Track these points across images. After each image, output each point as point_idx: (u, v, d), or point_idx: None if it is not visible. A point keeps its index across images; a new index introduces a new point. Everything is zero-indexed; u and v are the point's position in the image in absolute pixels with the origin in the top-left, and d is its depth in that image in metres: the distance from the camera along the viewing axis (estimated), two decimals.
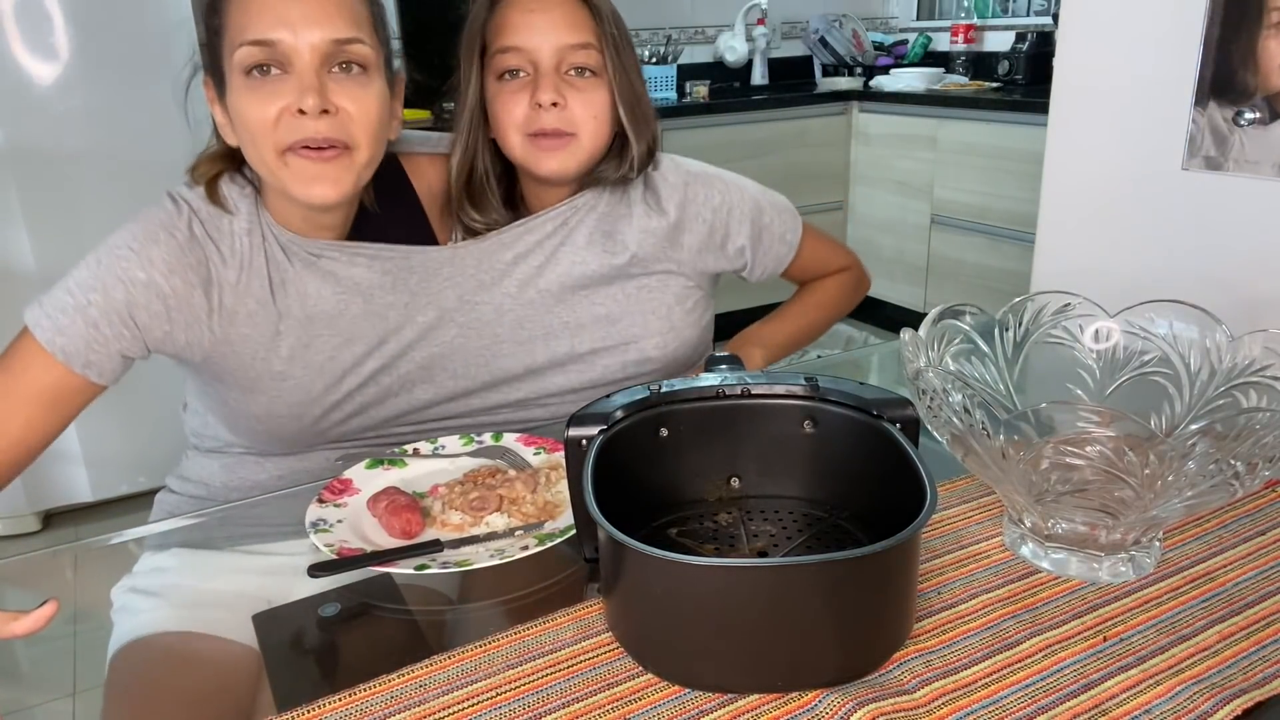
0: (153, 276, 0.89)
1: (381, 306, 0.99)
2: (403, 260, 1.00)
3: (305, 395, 0.97)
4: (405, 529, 0.80)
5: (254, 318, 0.94)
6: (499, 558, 0.74)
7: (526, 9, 0.97)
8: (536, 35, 0.97)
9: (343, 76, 0.86)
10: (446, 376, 1.03)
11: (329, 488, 0.88)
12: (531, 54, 0.97)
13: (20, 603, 0.88)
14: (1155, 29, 1.06)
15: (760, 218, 1.15)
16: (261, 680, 0.68)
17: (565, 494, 0.83)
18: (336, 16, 0.84)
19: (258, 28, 0.83)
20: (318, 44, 0.83)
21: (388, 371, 1.00)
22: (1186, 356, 0.79)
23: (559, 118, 0.98)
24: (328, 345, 0.97)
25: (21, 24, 2.13)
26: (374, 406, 1.01)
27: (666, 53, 3.70)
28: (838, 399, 0.73)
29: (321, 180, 0.87)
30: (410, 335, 1.00)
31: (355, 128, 0.87)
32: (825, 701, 0.57)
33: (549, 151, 1.00)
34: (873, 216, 3.70)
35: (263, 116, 0.85)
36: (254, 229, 0.94)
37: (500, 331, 1.04)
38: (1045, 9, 3.66)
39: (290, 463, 1.03)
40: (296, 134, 0.85)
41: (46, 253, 2.24)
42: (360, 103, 0.86)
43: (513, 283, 1.04)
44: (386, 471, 0.92)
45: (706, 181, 1.13)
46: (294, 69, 0.84)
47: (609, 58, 1.00)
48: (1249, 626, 0.64)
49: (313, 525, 0.81)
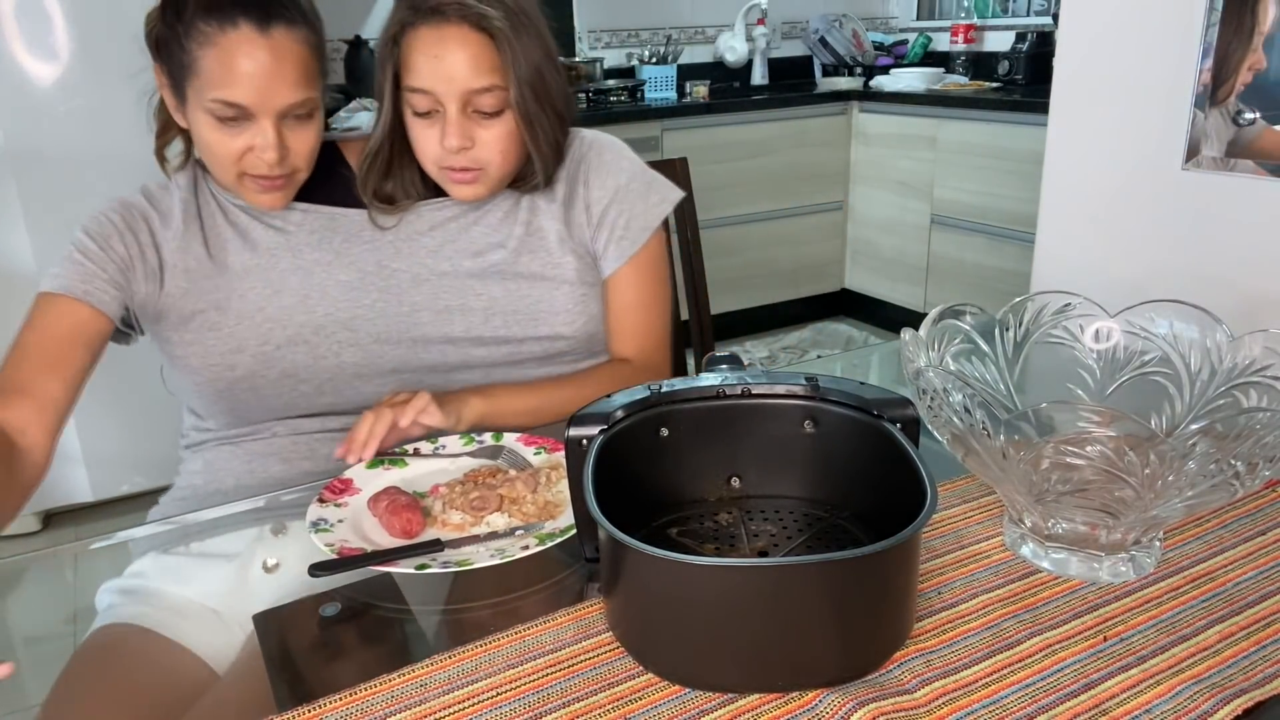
0: (109, 231, 1.02)
1: (308, 263, 1.07)
2: (328, 220, 1.09)
3: (235, 343, 1.04)
4: (406, 529, 0.80)
5: (191, 273, 1.04)
6: (499, 557, 0.74)
7: (431, 54, 0.99)
8: (441, 82, 0.99)
9: (294, 123, 1.01)
10: (370, 340, 1.07)
11: (330, 487, 0.88)
12: (439, 97, 1.00)
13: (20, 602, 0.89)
14: (1155, 29, 1.06)
15: (609, 211, 1.12)
16: (262, 680, 0.68)
17: (565, 494, 0.83)
18: (297, 82, 0.98)
19: (232, 90, 0.96)
20: (278, 107, 0.98)
21: (316, 330, 1.06)
22: (1187, 356, 0.79)
23: (467, 157, 1.03)
24: (258, 296, 1.05)
25: (21, 24, 2.13)
26: (307, 370, 1.05)
27: (666, 53, 3.70)
28: (838, 399, 0.73)
29: (269, 195, 1.03)
30: (335, 294, 1.07)
31: (301, 159, 1.03)
32: (825, 701, 0.57)
33: (461, 183, 1.05)
34: (873, 216, 3.70)
35: (228, 150, 0.99)
36: (189, 196, 1.07)
37: (418, 299, 1.08)
38: (1045, 9, 3.66)
39: (256, 448, 1.07)
40: (255, 169, 1.00)
41: (46, 253, 2.24)
42: (305, 140, 1.02)
43: (426, 251, 1.09)
44: (387, 471, 0.92)
45: (598, 157, 1.13)
46: (256, 122, 0.98)
47: (513, 92, 1.00)
48: (1249, 626, 0.64)
49: (313, 525, 0.81)
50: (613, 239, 1.12)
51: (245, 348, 1.04)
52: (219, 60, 0.95)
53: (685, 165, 1.44)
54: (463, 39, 0.98)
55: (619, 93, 3.42)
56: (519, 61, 0.99)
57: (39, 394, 0.92)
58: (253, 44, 0.95)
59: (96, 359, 0.99)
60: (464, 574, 0.76)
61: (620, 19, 3.76)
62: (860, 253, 3.81)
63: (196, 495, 1.07)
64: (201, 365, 1.04)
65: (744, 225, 3.52)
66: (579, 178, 1.13)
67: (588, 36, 3.68)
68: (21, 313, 0.95)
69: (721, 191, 3.38)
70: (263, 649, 0.71)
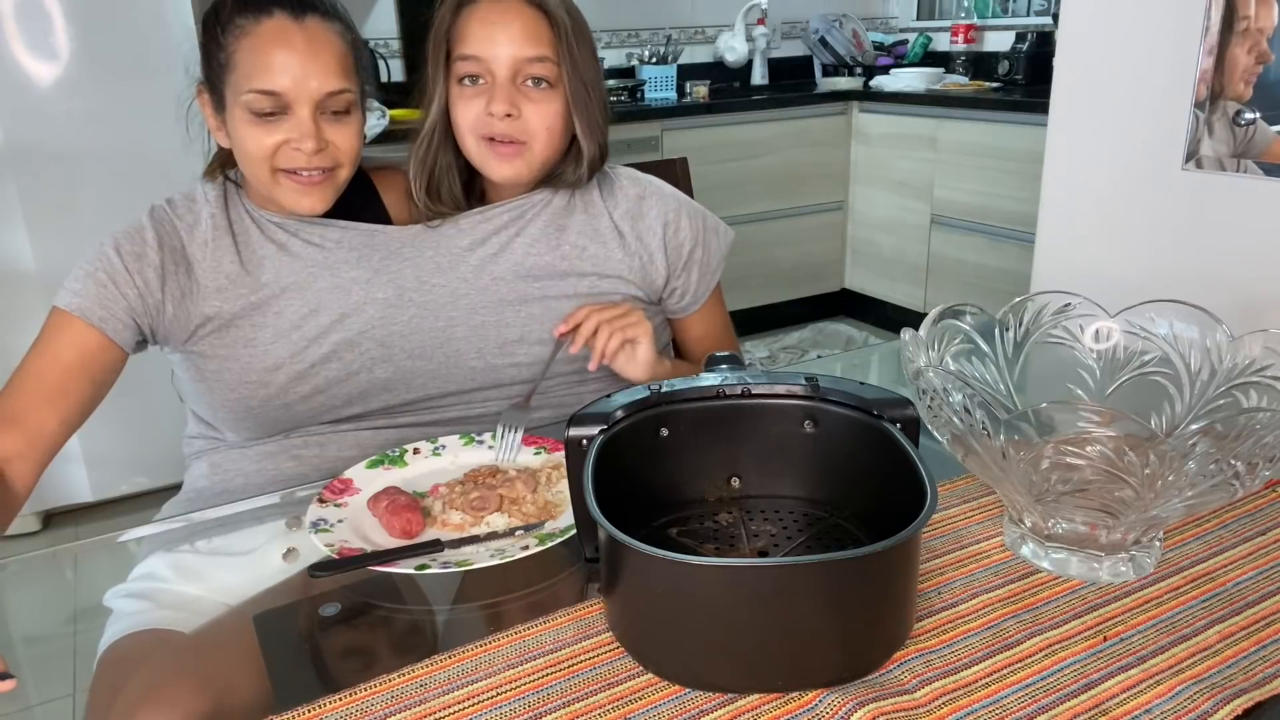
0: (144, 250, 1.01)
1: (346, 281, 1.06)
2: (366, 237, 1.08)
3: (272, 361, 1.03)
4: (406, 529, 0.80)
5: (224, 291, 1.03)
6: (499, 558, 0.74)
7: (487, 20, 1.02)
8: (494, 46, 1.02)
9: (332, 118, 1.01)
10: (404, 356, 1.07)
11: (330, 488, 0.88)
12: (489, 64, 1.03)
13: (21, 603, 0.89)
14: (1155, 29, 1.06)
15: (695, 249, 1.17)
16: (261, 680, 0.68)
17: (566, 494, 0.83)
18: (332, 71, 0.99)
19: (267, 78, 0.96)
20: (315, 95, 0.98)
21: (350, 347, 1.05)
22: (1187, 356, 0.79)
23: (512, 126, 1.04)
24: (295, 314, 1.04)
25: (21, 24, 2.13)
26: (337, 385, 1.05)
27: (666, 53, 3.70)
28: (838, 399, 0.73)
29: (309, 196, 1.02)
30: (372, 312, 1.06)
31: (340, 154, 1.02)
32: (825, 701, 0.57)
33: (502, 158, 1.06)
34: (873, 216, 3.70)
35: (262, 147, 0.98)
36: (220, 212, 1.05)
37: (455, 315, 1.08)
38: (1045, 9, 3.66)
39: (268, 449, 1.06)
40: (292, 164, 0.99)
41: (46, 253, 2.23)
42: (345, 137, 1.02)
43: (468, 268, 1.09)
44: (387, 471, 0.92)
45: (660, 194, 1.16)
46: (293, 114, 0.98)
47: (565, 69, 1.04)
48: (1249, 626, 0.64)
49: (313, 525, 0.81)
50: (703, 276, 1.18)
51: (281, 365, 1.03)
52: (255, 50, 0.96)
53: (685, 165, 1.44)
54: (520, 11, 1.02)
55: (619, 93, 3.41)
56: (571, 44, 1.03)
57: (33, 426, 0.92)
58: (287, 31, 0.96)
59: (101, 391, 0.98)
60: (464, 574, 0.76)
61: (620, 19, 3.75)
62: (860, 253, 3.81)
63: (202, 498, 1.06)
64: (237, 382, 1.03)
65: (744, 225, 3.51)
66: (646, 210, 1.14)
67: None
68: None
69: (721, 191, 3.38)
70: (263, 649, 0.71)
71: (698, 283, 1.18)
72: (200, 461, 1.10)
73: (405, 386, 1.08)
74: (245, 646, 0.74)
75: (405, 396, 1.08)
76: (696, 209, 1.19)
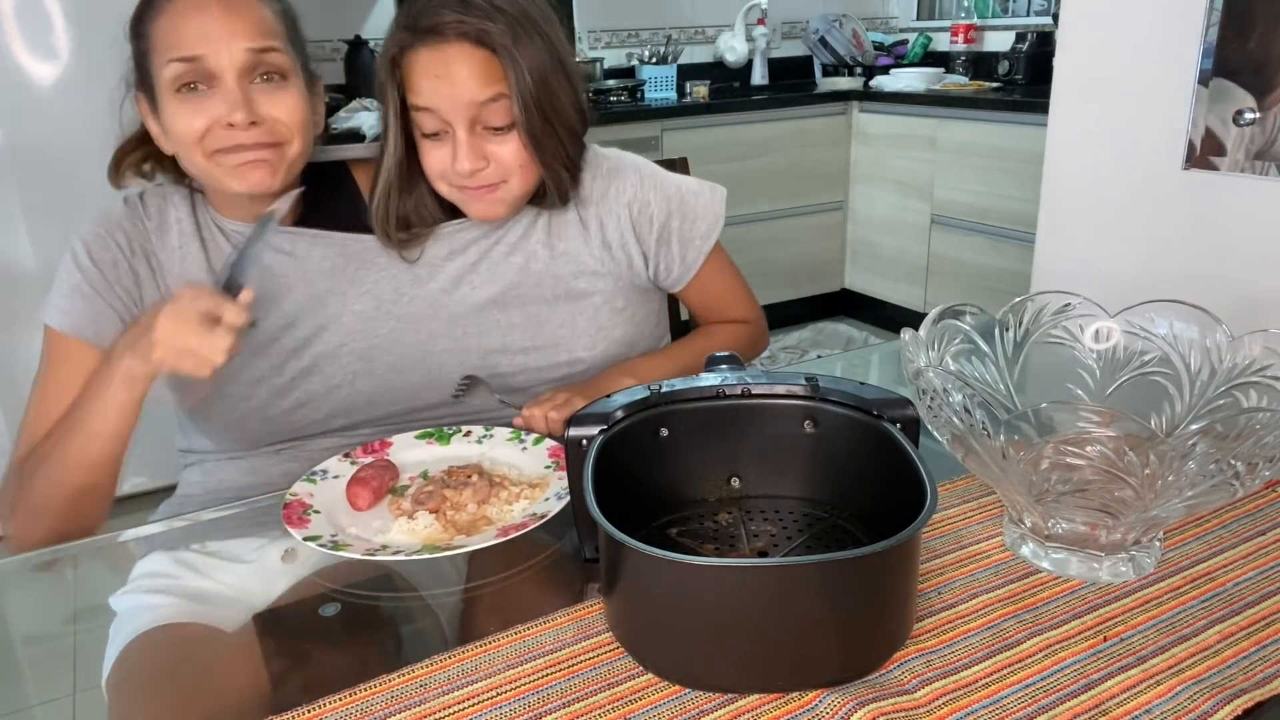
0: (116, 256, 1.00)
1: (321, 292, 1.03)
2: (340, 246, 1.05)
3: (251, 375, 1.02)
4: (353, 500, 0.83)
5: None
6: (384, 554, 0.75)
7: (432, 74, 0.95)
8: (445, 100, 0.95)
9: (264, 86, 0.94)
10: (386, 370, 1.05)
11: (366, 447, 0.94)
12: (444, 116, 0.96)
13: (21, 602, 0.89)
14: (1155, 29, 1.06)
15: (669, 221, 1.12)
16: (262, 680, 0.68)
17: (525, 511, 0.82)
18: (252, 28, 0.92)
19: (182, 44, 0.91)
20: (237, 55, 0.91)
21: (331, 360, 1.04)
22: (1186, 356, 0.79)
23: (482, 176, 0.99)
24: (271, 326, 1.02)
25: (21, 24, 2.13)
26: (320, 399, 1.04)
27: (666, 53, 3.70)
28: (838, 399, 0.73)
29: (256, 168, 0.94)
30: (350, 324, 1.04)
31: (283, 128, 0.95)
32: (825, 701, 0.57)
33: (479, 198, 1.01)
34: (873, 216, 3.70)
35: (192, 129, 0.93)
36: (187, 217, 1.03)
37: (436, 327, 1.06)
38: (1045, 9, 3.66)
39: (258, 462, 1.06)
40: (227, 143, 0.93)
41: (46, 253, 2.23)
42: (283, 106, 0.95)
43: (446, 278, 1.07)
44: (430, 445, 0.96)
45: (621, 175, 1.11)
46: (220, 84, 0.92)
47: (518, 111, 0.96)
48: (1249, 626, 0.64)
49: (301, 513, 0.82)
50: (687, 245, 1.13)
51: (262, 379, 1.02)
52: (171, 22, 0.92)
53: (685, 165, 1.44)
54: (464, 56, 0.94)
55: (619, 93, 3.42)
56: (522, 77, 0.95)
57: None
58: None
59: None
60: (464, 574, 0.76)
61: (620, 19, 3.76)
62: (860, 253, 3.81)
63: (196, 503, 1.06)
64: (217, 395, 1.02)
65: (744, 225, 3.51)
66: (610, 196, 1.10)
67: (588, 36, 3.68)
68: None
69: None
70: (262, 649, 0.71)
71: (682, 253, 1.13)
72: (192, 470, 1.10)
73: (389, 399, 1.06)
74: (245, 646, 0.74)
75: (390, 409, 1.07)
76: (667, 179, 1.13)
